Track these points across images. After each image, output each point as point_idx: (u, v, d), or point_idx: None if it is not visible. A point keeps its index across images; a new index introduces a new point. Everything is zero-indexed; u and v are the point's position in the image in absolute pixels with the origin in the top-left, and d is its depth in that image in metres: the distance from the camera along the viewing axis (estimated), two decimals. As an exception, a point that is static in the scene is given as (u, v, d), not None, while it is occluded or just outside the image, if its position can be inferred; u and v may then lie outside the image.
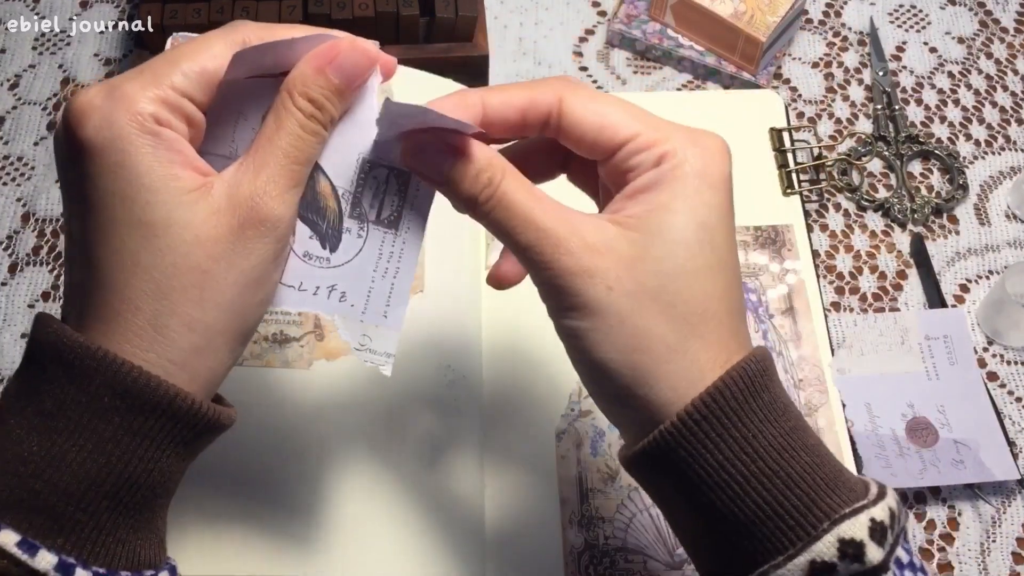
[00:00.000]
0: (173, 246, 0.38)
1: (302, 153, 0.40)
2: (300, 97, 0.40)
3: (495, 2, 0.80)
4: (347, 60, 0.40)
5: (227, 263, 0.39)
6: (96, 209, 0.39)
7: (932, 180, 0.74)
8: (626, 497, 0.57)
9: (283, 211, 0.39)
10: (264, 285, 0.40)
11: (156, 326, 0.38)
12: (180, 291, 0.38)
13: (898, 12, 0.81)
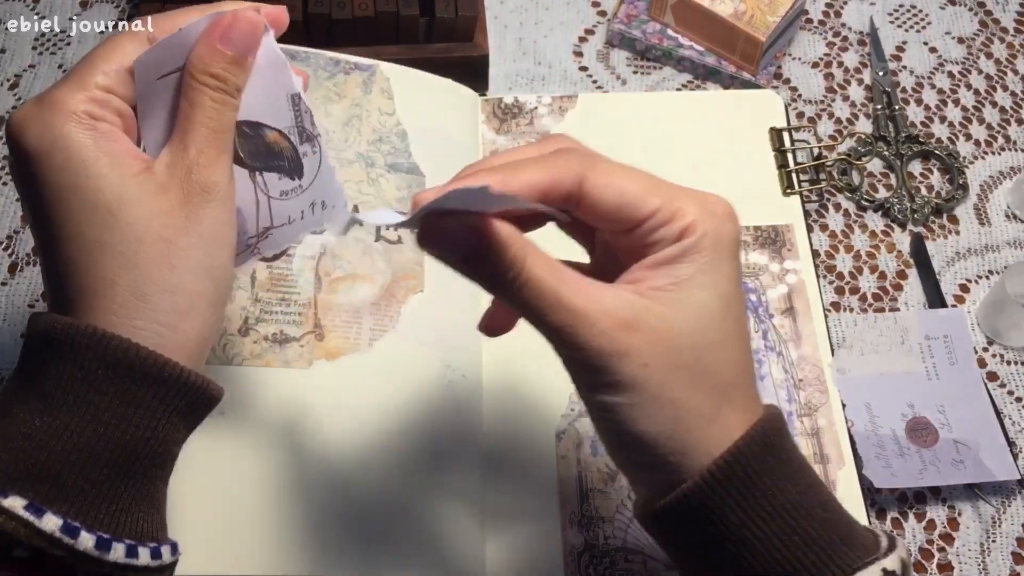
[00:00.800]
0: (131, 221, 0.41)
1: (220, 122, 0.43)
2: (202, 74, 0.43)
3: (495, 2, 0.80)
4: (236, 32, 0.44)
5: (184, 230, 0.42)
6: (52, 206, 0.41)
7: (932, 180, 0.74)
8: (626, 497, 0.57)
9: (219, 176, 0.43)
10: (224, 243, 0.43)
11: (137, 294, 0.41)
12: (149, 260, 0.41)
13: (898, 12, 0.81)
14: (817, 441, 0.59)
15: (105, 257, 0.41)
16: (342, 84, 0.66)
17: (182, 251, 0.42)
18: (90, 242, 0.41)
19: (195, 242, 0.42)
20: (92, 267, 0.41)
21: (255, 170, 0.46)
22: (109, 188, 0.41)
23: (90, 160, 0.41)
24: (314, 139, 0.47)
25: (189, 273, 0.42)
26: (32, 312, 0.42)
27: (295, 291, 0.59)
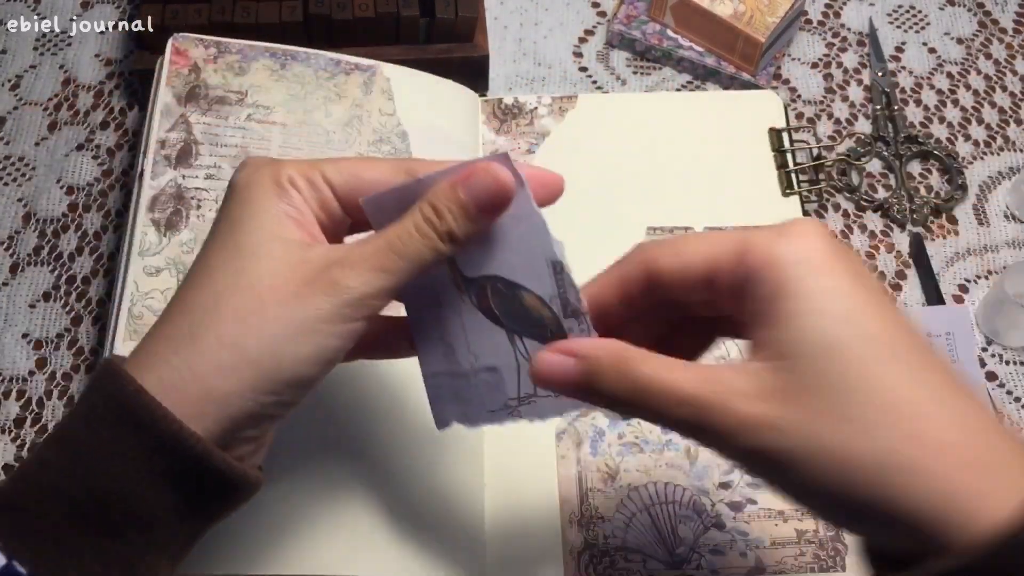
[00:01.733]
0: (247, 269, 0.40)
1: (406, 248, 0.40)
2: (426, 204, 0.41)
3: (495, 2, 0.81)
4: (477, 181, 0.41)
5: (283, 303, 0.39)
6: (212, 233, 0.42)
7: (931, 180, 0.74)
8: (626, 496, 0.57)
9: (356, 284, 0.39)
10: (311, 339, 0.39)
11: (193, 334, 0.39)
12: (230, 309, 0.39)
13: (897, 13, 0.81)
14: (816, 441, 0.59)
15: (202, 291, 0.40)
16: (342, 85, 0.66)
17: (265, 317, 0.39)
18: (205, 273, 0.41)
19: (284, 319, 0.39)
20: (189, 296, 0.41)
21: (512, 332, 0.44)
22: (257, 234, 0.41)
23: (261, 207, 0.41)
24: (580, 316, 0.42)
25: (255, 338, 0.39)
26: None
27: (296, 291, 0.59)
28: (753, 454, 0.36)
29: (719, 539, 0.56)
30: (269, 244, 0.40)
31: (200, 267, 0.41)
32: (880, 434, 0.34)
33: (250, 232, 0.41)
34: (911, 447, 0.34)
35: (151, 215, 0.61)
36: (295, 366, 0.39)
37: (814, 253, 0.37)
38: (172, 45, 0.66)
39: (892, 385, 0.35)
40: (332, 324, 0.40)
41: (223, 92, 0.65)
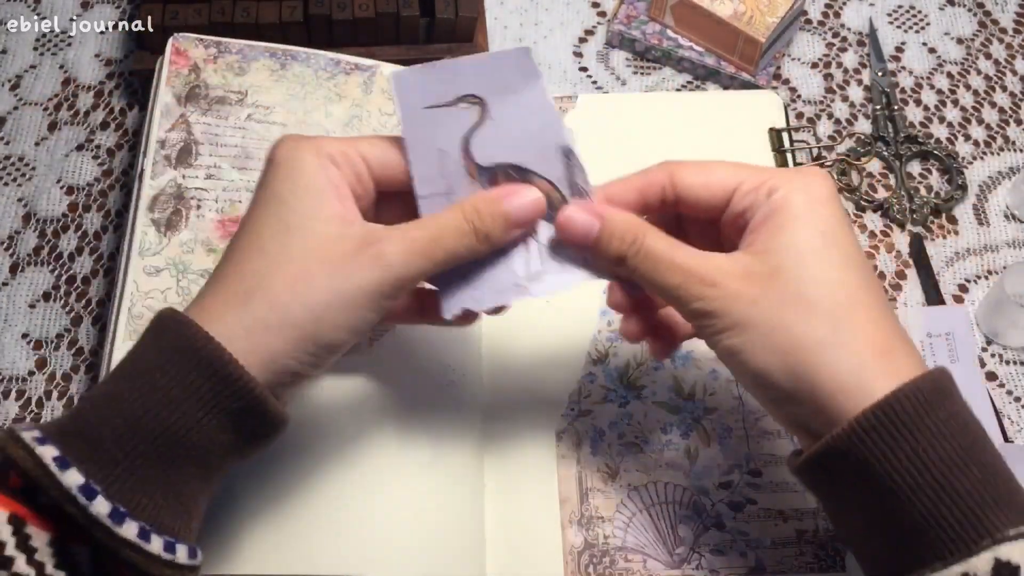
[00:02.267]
0: (295, 243, 0.44)
1: (447, 241, 0.45)
2: (470, 205, 0.46)
3: (495, 3, 0.81)
4: (519, 200, 0.47)
5: (329, 274, 0.44)
6: (257, 205, 0.46)
7: (931, 180, 0.74)
8: (626, 496, 0.57)
9: (398, 260, 0.44)
10: (353, 312, 0.44)
11: (248, 296, 0.43)
12: (280, 276, 0.43)
13: (897, 13, 0.81)
14: (816, 441, 0.59)
15: (255, 261, 0.44)
16: (343, 85, 0.66)
17: (312, 285, 0.43)
18: (255, 244, 0.45)
19: (329, 288, 0.43)
20: (242, 264, 0.45)
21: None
22: (302, 212, 0.45)
23: (307, 180, 0.45)
24: (585, 195, 0.48)
25: (301, 304, 0.43)
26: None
27: (296, 291, 0.59)
28: (719, 317, 0.44)
29: (719, 539, 0.56)
30: (314, 219, 0.44)
31: (251, 239, 0.45)
32: (829, 316, 0.43)
33: (296, 208, 0.45)
34: (847, 329, 0.43)
35: (151, 215, 0.61)
36: (333, 332, 0.44)
37: (820, 190, 0.45)
38: (172, 45, 0.66)
39: (848, 283, 0.44)
40: (370, 297, 0.44)
41: (223, 92, 0.65)
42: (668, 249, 0.46)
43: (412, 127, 0.47)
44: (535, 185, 0.47)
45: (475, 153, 0.48)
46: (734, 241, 0.47)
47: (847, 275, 0.44)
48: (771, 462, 0.58)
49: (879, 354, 0.42)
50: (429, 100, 0.47)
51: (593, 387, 0.61)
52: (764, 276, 0.44)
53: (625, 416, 0.60)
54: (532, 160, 0.48)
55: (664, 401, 0.60)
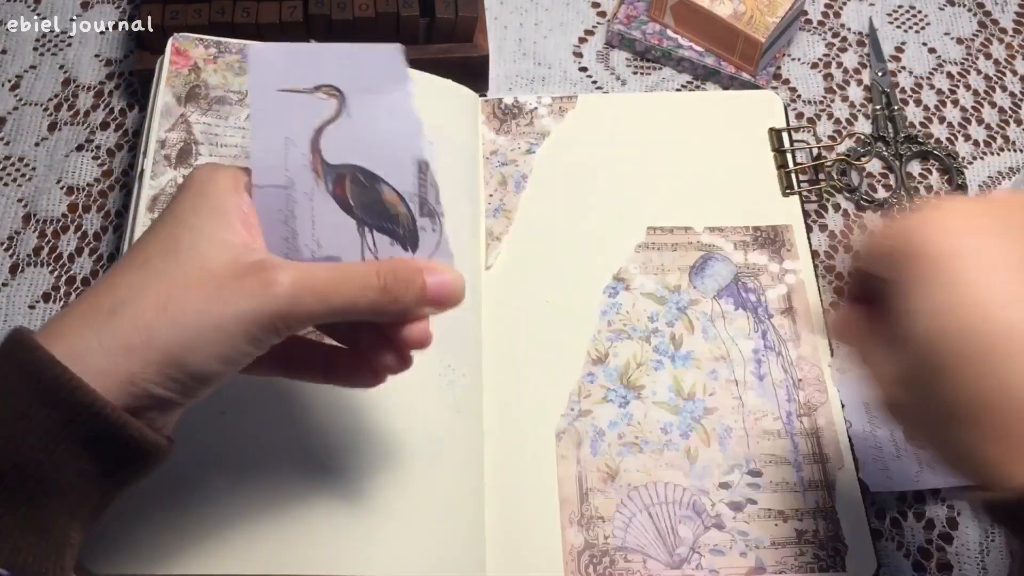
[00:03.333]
0: (181, 260, 0.40)
1: (349, 288, 0.42)
2: (387, 265, 0.43)
3: (495, 2, 0.81)
4: (442, 279, 0.44)
5: (206, 296, 0.40)
6: (154, 223, 0.43)
7: (931, 180, 0.74)
8: (625, 497, 0.57)
9: (286, 291, 0.40)
10: (225, 341, 0.40)
11: (113, 310, 0.40)
12: (153, 293, 0.40)
13: (897, 13, 0.81)
14: (816, 441, 0.59)
15: (131, 274, 0.41)
16: (342, 85, 0.66)
17: (183, 307, 0.40)
18: (138, 258, 0.41)
19: (201, 313, 0.40)
20: (118, 275, 0.41)
21: (364, 224, 0.44)
22: (199, 229, 0.41)
23: (210, 204, 0.42)
24: (436, 216, 0.45)
25: (169, 325, 0.39)
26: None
27: (295, 291, 0.59)
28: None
29: (719, 539, 0.56)
30: (209, 240, 0.41)
31: (133, 255, 0.42)
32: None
33: (193, 226, 0.41)
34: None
35: (151, 215, 0.61)
36: (202, 360, 0.40)
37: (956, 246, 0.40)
38: (172, 45, 0.66)
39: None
40: (247, 328, 0.40)
41: (223, 92, 0.65)
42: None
43: (261, 109, 0.43)
44: (383, 194, 0.44)
45: (324, 149, 0.44)
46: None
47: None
48: (771, 462, 0.58)
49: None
50: (285, 83, 0.43)
51: (593, 387, 0.61)
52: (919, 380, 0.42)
53: (625, 416, 0.60)
54: (384, 167, 0.44)
55: (664, 401, 0.60)
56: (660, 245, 0.63)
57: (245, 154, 0.63)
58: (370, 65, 0.44)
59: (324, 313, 0.41)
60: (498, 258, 0.65)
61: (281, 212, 0.43)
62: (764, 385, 0.61)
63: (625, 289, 0.64)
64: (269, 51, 0.43)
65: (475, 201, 0.67)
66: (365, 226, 0.44)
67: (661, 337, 0.62)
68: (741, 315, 0.63)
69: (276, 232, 0.43)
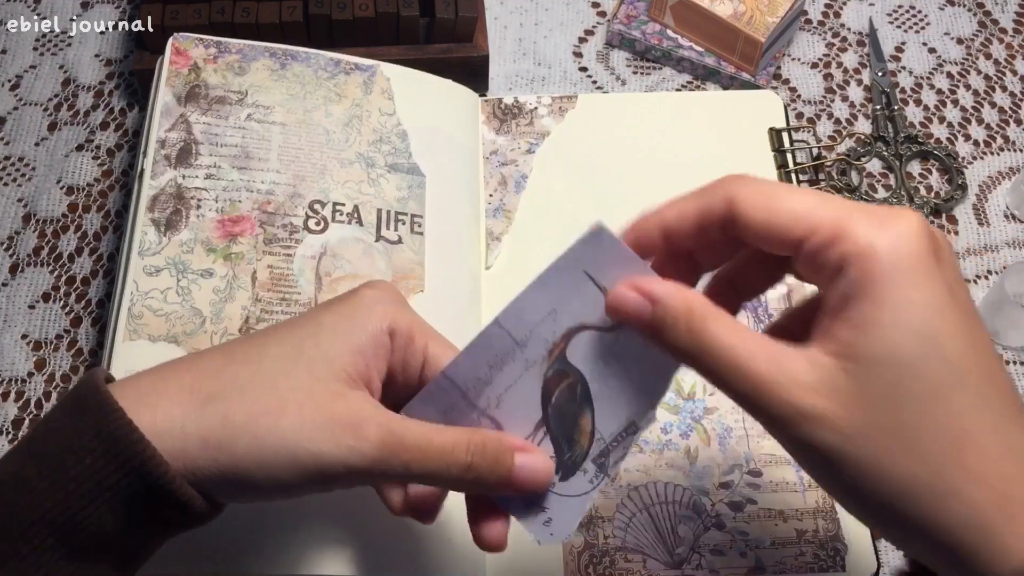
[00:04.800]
0: (288, 375, 0.40)
1: (432, 474, 0.41)
2: (479, 437, 0.41)
3: (495, 2, 0.81)
4: (531, 464, 0.42)
5: (296, 426, 0.39)
6: (301, 317, 0.43)
7: (931, 180, 0.74)
8: (625, 496, 0.57)
9: (372, 449, 0.39)
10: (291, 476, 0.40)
11: (209, 399, 0.40)
12: (250, 400, 0.40)
13: (897, 13, 0.81)
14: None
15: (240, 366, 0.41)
16: (342, 85, 0.66)
17: (270, 426, 0.39)
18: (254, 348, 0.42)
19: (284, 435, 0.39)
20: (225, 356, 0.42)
21: (544, 424, 0.43)
22: (324, 352, 0.41)
23: (353, 335, 0.42)
24: (604, 473, 0.43)
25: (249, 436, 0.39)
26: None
27: (295, 291, 0.59)
28: (805, 446, 0.36)
29: (719, 539, 0.56)
30: (328, 366, 0.41)
31: (259, 340, 0.42)
32: (933, 458, 0.35)
33: (321, 344, 0.41)
34: (958, 474, 0.35)
35: (151, 215, 0.61)
36: (264, 480, 0.40)
37: (912, 257, 0.35)
38: (172, 45, 0.66)
39: (956, 412, 0.35)
40: (323, 472, 0.40)
41: (223, 92, 0.65)
42: (731, 345, 0.37)
43: (559, 271, 0.41)
44: (581, 418, 0.43)
45: (571, 343, 0.42)
46: (827, 308, 0.37)
47: (955, 402, 0.35)
48: (771, 462, 0.58)
49: (998, 506, 0.35)
50: (593, 269, 0.41)
51: (593, 387, 0.61)
52: (850, 396, 0.35)
53: (625, 416, 0.60)
54: (602, 399, 0.43)
55: (664, 401, 0.60)
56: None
57: (246, 154, 0.63)
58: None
59: (403, 478, 0.42)
60: (498, 258, 0.65)
61: (496, 357, 0.43)
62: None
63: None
64: (606, 237, 0.41)
65: (475, 201, 0.67)
66: (544, 427, 0.43)
67: (661, 337, 0.62)
68: (741, 315, 0.63)
69: (477, 367, 0.43)
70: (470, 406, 0.43)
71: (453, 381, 0.43)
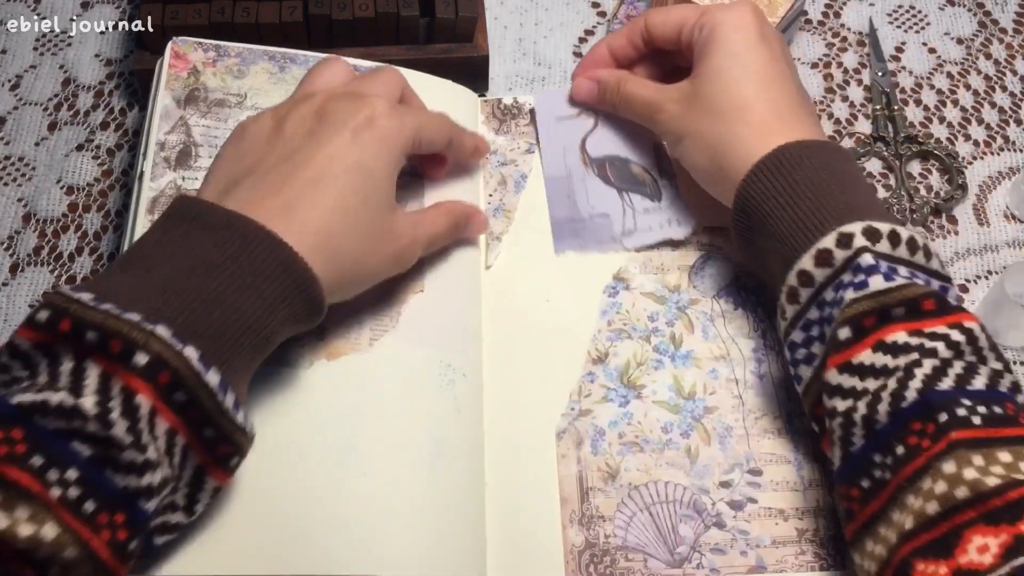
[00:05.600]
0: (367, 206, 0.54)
1: (433, 245, 0.60)
2: (459, 221, 0.63)
3: (495, 2, 0.81)
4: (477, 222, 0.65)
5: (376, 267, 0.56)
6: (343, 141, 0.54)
7: (931, 180, 0.74)
8: (626, 496, 0.57)
9: (417, 250, 0.58)
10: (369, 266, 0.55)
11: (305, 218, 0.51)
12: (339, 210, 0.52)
13: (897, 13, 0.81)
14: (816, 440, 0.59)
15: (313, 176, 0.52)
16: (342, 84, 0.66)
17: (362, 222, 0.53)
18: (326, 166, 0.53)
19: (372, 232, 0.54)
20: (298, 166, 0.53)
21: (621, 190, 0.66)
22: (377, 192, 0.54)
23: (391, 162, 0.55)
24: (671, 176, 0.66)
25: (342, 238, 0.52)
26: (182, 195, 0.53)
27: (296, 291, 0.59)
28: (666, 129, 0.63)
29: (719, 538, 0.56)
30: (381, 204, 0.55)
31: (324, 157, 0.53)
32: (729, 121, 0.58)
33: (379, 173, 0.54)
34: (739, 126, 0.58)
35: (151, 217, 0.61)
36: (356, 290, 0.56)
37: (742, 20, 0.60)
38: (171, 49, 0.66)
39: (745, 95, 0.58)
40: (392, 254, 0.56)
41: (222, 95, 0.65)
42: (636, 89, 0.64)
43: (545, 132, 0.68)
44: (633, 169, 0.67)
45: (589, 148, 0.67)
46: (693, 63, 0.62)
47: (743, 87, 0.58)
48: (771, 461, 0.58)
49: (761, 139, 0.56)
50: (560, 113, 0.68)
51: (593, 386, 0.61)
52: (691, 96, 0.60)
53: (625, 415, 0.60)
54: (632, 152, 0.67)
55: (664, 400, 0.60)
56: (660, 244, 0.63)
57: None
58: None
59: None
60: (498, 258, 0.65)
61: (564, 191, 0.66)
62: (764, 384, 0.61)
63: (625, 288, 0.64)
64: (549, 94, 0.70)
65: (475, 201, 0.67)
66: (622, 191, 0.66)
67: (661, 336, 0.62)
68: (741, 314, 0.63)
69: (563, 203, 0.66)
70: (580, 220, 0.66)
71: (561, 219, 0.66)
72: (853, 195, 0.54)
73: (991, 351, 0.49)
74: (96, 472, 0.42)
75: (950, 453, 0.45)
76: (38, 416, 0.42)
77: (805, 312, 0.53)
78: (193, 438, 0.46)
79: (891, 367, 0.48)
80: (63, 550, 0.40)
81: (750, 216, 0.56)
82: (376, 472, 0.54)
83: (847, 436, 0.49)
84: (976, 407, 0.47)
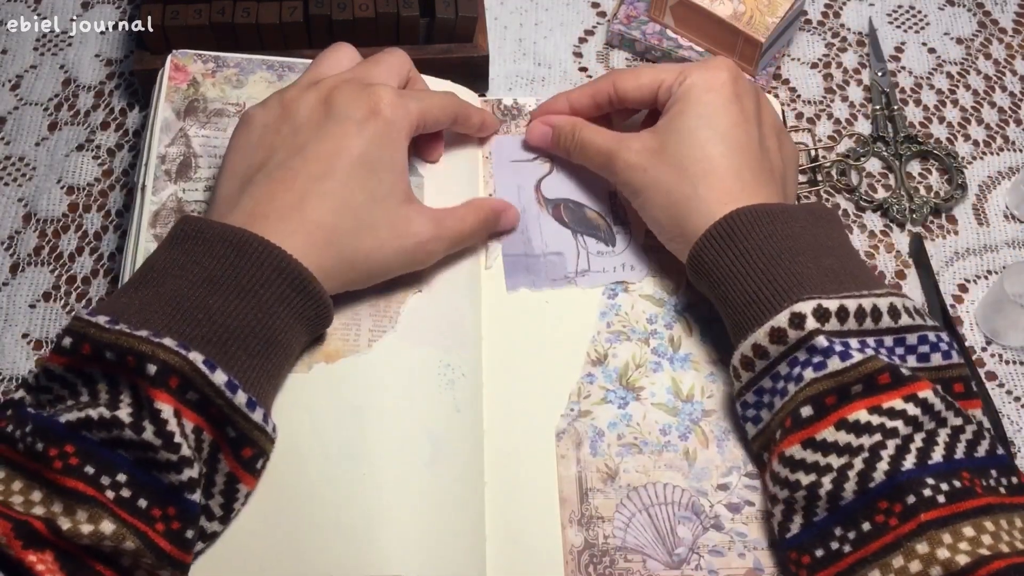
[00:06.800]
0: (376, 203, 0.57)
1: (457, 245, 0.62)
2: (489, 221, 0.64)
3: (495, 3, 0.81)
4: (506, 222, 0.65)
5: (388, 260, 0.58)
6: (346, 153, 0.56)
7: (931, 180, 0.74)
8: (625, 497, 0.57)
9: (433, 247, 0.60)
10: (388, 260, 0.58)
11: (302, 212, 0.54)
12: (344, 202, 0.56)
13: (897, 13, 0.81)
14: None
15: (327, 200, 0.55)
16: (342, 85, 0.66)
17: (369, 216, 0.56)
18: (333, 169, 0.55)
19: (381, 226, 0.56)
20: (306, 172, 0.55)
21: (575, 232, 0.66)
22: (385, 184, 0.57)
23: (392, 160, 0.58)
24: (628, 224, 0.66)
25: (350, 234, 0.55)
26: (185, 215, 0.55)
27: (295, 292, 0.59)
28: (626, 182, 0.61)
29: (718, 540, 0.56)
30: (389, 198, 0.57)
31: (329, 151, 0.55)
32: (691, 181, 0.58)
33: (382, 178, 0.57)
34: (706, 188, 0.58)
35: (153, 231, 0.61)
36: (371, 264, 0.57)
37: (716, 81, 0.60)
38: (171, 62, 0.67)
39: (711, 156, 0.58)
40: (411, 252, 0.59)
41: (221, 104, 0.66)
42: (592, 136, 0.63)
43: (501, 172, 0.68)
44: (587, 213, 0.66)
45: (544, 189, 0.67)
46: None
47: (710, 149, 0.58)
48: (770, 463, 0.58)
49: (720, 203, 0.56)
50: (515, 156, 0.68)
51: (592, 388, 0.61)
52: (655, 150, 0.60)
53: (624, 417, 0.60)
54: (586, 197, 0.67)
55: (663, 402, 0.60)
56: (659, 246, 0.63)
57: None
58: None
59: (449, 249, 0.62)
60: (497, 258, 0.65)
61: (518, 228, 0.66)
62: (763, 386, 0.61)
63: (624, 291, 0.64)
64: (505, 139, 0.69)
65: (475, 201, 0.67)
66: (576, 232, 0.66)
67: (660, 339, 0.62)
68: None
69: (516, 240, 0.65)
70: (534, 256, 0.65)
71: (515, 255, 0.65)
72: (804, 264, 0.54)
73: (948, 409, 0.51)
74: (142, 473, 0.47)
75: (922, 534, 0.47)
76: (85, 430, 0.47)
77: (759, 380, 0.54)
78: (218, 436, 0.50)
79: (855, 446, 0.50)
80: (124, 541, 0.45)
81: (702, 278, 0.57)
82: (376, 472, 0.55)
83: (810, 508, 0.51)
84: (939, 484, 0.48)
